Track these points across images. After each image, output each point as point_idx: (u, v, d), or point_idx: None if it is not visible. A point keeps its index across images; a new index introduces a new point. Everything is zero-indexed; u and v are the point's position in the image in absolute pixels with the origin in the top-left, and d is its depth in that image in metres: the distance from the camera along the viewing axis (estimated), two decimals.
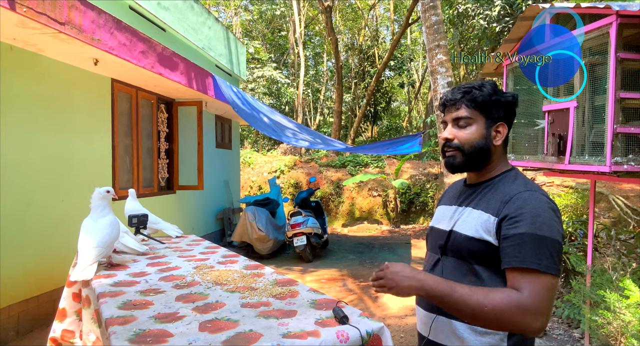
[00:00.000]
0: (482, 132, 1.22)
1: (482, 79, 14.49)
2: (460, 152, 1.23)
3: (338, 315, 0.93)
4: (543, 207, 1.10)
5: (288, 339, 0.83)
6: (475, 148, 1.21)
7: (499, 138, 1.23)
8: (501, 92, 1.24)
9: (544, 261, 1.03)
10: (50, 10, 2.85)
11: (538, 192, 1.15)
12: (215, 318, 0.93)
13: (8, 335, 3.44)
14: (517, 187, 1.16)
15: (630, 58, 2.37)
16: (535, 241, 1.04)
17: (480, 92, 1.21)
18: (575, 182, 6.89)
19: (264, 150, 19.05)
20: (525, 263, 1.03)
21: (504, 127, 1.23)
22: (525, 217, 1.08)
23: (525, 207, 1.10)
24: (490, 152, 1.23)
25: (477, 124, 1.22)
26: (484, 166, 1.25)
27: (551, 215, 1.09)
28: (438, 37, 4.51)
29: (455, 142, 1.23)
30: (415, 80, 21.85)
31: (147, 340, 0.82)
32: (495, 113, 1.22)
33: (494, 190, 1.20)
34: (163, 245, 2.00)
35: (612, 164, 2.36)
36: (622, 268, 3.11)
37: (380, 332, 0.95)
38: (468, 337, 1.14)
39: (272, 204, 7.64)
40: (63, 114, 4.09)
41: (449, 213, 1.30)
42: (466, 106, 1.22)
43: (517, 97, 1.27)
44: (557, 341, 3.62)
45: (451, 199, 1.35)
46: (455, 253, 1.20)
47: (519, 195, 1.13)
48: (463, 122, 1.22)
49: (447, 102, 1.26)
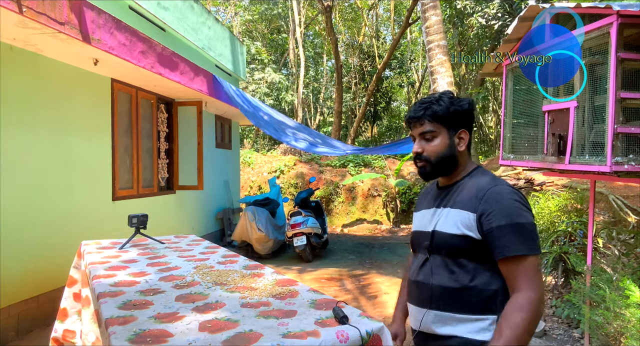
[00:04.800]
0: (447, 142, 1.35)
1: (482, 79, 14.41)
2: (429, 163, 1.36)
3: (338, 315, 0.93)
4: (513, 198, 1.24)
5: (288, 339, 0.83)
6: (442, 158, 1.35)
7: (462, 144, 1.37)
8: (458, 102, 1.36)
9: (528, 245, 1.18)
10: (50, 10, 2.85)
11: (505, 185, 1.29)
12: (215, 318, 0.93)
13: (8, 335, 3.44)
14: (486, 183, 1.30)
15: (630, 58, 2.37)
16: (516, 230, 1.19)
17: (439, 106, 1.33)
18: (571, 180, 6.89)
19: (264, 150, 19.04)
20: (515, 251, 1.18)
21: (465, 133, 1.37)
22: (501, 210, 1.22)
23: (499, 201, 1.23)
24: (456, 158, 1.37)
25: (441, 136, 1.35)
26: (453, 171, 1.38)
27: (521, 204, 1.24)
28: (438, 37, 4.51)
29: (424, 155, 1.36)
30: (415, 80, 21.85)
31: (147, 340, 0.81)
32: (456, 123, 1.35)
33: (466, 188, 1.32)
34: (163, 245, 2.00)
35: (613, 164, 2.36)
36: (622, 268, 3.11)
37: (380, 332, 0.95)
38: (458, 325, 1.24)
39: (272, 204, 7.64)
40: (63, 114, 4.09)
41: (429, 216, 1.40)
42: (429, 121, 1.34)
43: (473, 103, 1.40)
44: (557, 341, 3.62)
45: (428, 203, 1.45)
46: (440, 250, 1.31)
47: (491, 190, 1.26)
48: (428, 135, 1.35)
49: (411, 119, 1.38)
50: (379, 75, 16.82)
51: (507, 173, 8.30)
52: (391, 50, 15.97)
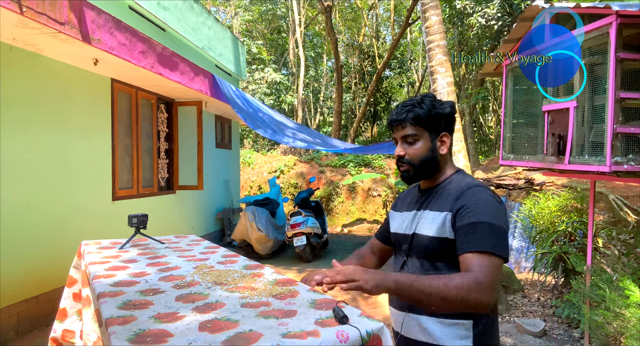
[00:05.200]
0: (429, 145, 1.34)
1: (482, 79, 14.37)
2: (411, 166, 1.35)
3: (338, 315, 0.93)
4: (490, 200, 1.23)
5: (288, 339, 0.83)
6: (424, 161, 1.34)
7: (444, 147, 1.36)
8: (440, 105, 1.35)
9: (493, 244, 1.14)
10: (50, 10, 2.85)
11: (484, 187, 1.29)
12: (215, 318, 0.93)
13: (8, 335, 3.44)
14: (466, 184, 1.29)
15: (630, 58, 2.37)
16: (485, 228, 1.17)
17: (421, 109, 1.33)
18: (571, 180, 6.89)
19: (264, 150, 19.04)
20: (478, 247, 1.15)
21: (447, 136, 1.37)
22: (475, 207, 1.21)
23: (475, 199, 1.23)
24: (438, 162, 1.36)
25: (424, 139, 1.34)
26: (435, 174, 1.38)
27: (497, 206, 1.23)
28: (438, 37, 4.51)
29: (407, 158, 1.36)
30: (415, 80, 21.85)
31: (147, 340, 0.82)
32: (438, 126, 1.35)
33: (446, 191, 1.32)
34: (163, 245, 2.00)
35: (612, 164, 2.36)
36: (622, 268, 3.11)
37: (380, 332, 0.95)
38: (436, 331, 1.23)
39: (272, 204, 7.64)
40: (63, 114, 4.09)
41: (410, 218, 1.39)
42: (411, 124, 1.33)
43: (454, 106, 1.39)
44: (557, 341, 3.62)
45: (409, 205, 1.45)
46: (419, 253, 1.31)
47: (468, 191, 1.26)
48: (410, 139, 1.35)
49: (393, 122, 1.37)
50: (379, 75, 16.82)
51: (507, 173, 8.30)
52: (391, 50, 15.97)
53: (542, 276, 4.62)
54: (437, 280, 1.11)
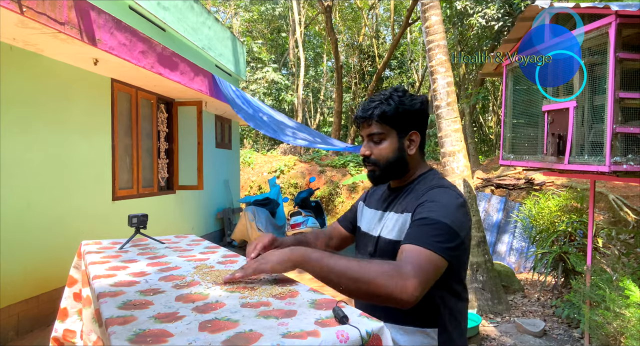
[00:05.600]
0: (395, 145, 1.25)
1: (482, 79, 14.37)
2: (377, 167, 1.26)
3: (338, 314, 0.93)
4: (449, 201, 1.14)
5: (288, 339, 0.83)
6: (390, 162, 1.25)
7: (413, 146, 1.26)
8: (409, 101, 1.25)
9: (435, 241, 1.04)
10: (50, 10, 2.86)
11: (450, 188, 1.20)
12: (215, 318, 0.93)
13: (8, 335, 3.44)
14: (431, 185, 1.21)
15: (629, 58, 2.38)
16: (432, 225, 1.07)
17: (387, 106, 1.23)
18: (571, 180, 6.89)
19: (264, 150, 19.04)
20: (416, 241, 1.06)
21: (416, 135, 1.26)
22: (431, 205, 1.13)
23: (433, 198, 1.15)
24: (406, 162, 1.26)
25: (390, 138, 1.25)
26: (404, 174, 1.29)
27: (455, 208, 1.12)
28: (438, 37, 4.51)
29: (372, 158, 1.27)
30: (415, 80, 21.85)
31: (147, 340, 0.82)
32: (406, 124, 1.25)
33: (414, 191, 1.24)
34: (163, 245, 2.00)
35: (612, 164, 2.37)
36: (622, 268, 3.11)
37: (380, 332, 0.95)
38: (399, 339, 1.16)
39: (272, 204, 7.65)
40: (63, 114, 4.09)
41: (377, 219, 1.32)
42: (377, 122, 1.24)
43: (426, 101, 1.28)
44: (557, 341, 3.62)
45: (377, 203, 1.37)
46: (383, 257, 1.21)
47: (431, 191, 1.18)
48: (376, 137, 1.25)
49: (358, 119, 1.28)
50: (379, 75, 16.82)
51: (507, 173, 8.31)
52: (391, 50, 15.98)
53: (542, 276, 4.63)
54: (353, 261, 1.04)
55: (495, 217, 6.63)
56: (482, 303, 4.25)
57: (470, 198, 4.46)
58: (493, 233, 6.37)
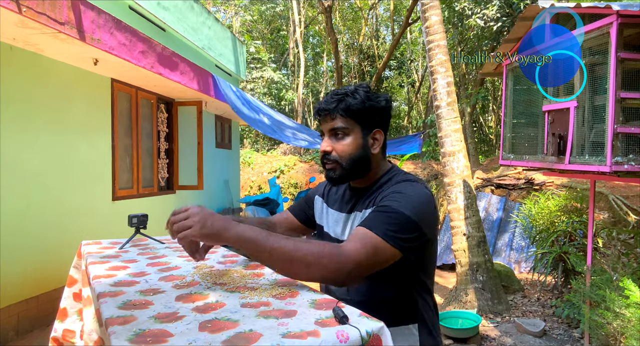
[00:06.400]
0: (359, 141, 1.17)
1: (482, 78, 14.35)
2: (339, 165, 1.18)
3: (338, 315, 0.93)
4: (416, 192, 1.10)
5: (288, 339, 0.83)
6: (353, 160, 1.17)
7: (376, 145, 1.20)
8: (375, 97, 1.18)
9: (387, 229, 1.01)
10: (50, 10, 2.85)
11: (417, 182, 1.16)
12: (215, 318, 0.93)
13: (8, 335, 3.44)
14: (397, 180, 1.18)
15: (630, 58, 2.37)
16: (390, 213, 1.04)
17: (354, 100, 1.15)
18: (571, 180, 6.89)
19: (264, 150, 19.04)
20: (367, 225, 1.03)
21: (380, 133, 1.20)
22: (394, 195, 1.09)
23: (398, 189, 1.11)
24: (369, 161, 1.19)
25: (354, 134, 1.17)
26: (365, 174, 1.21)
27: (422, 200, 1.08)
28: (438, 37, 4.51)
29: (334, 155, 1.18)
30: (415, 80, 21.85)
31: (147, 340, 0.81)
32: (371, 121, 1.18)
33: (380, 189, 1.18)
34: (163, 245, 2.00)
35: (613, 164, 2.36)
36: (622, 268, 3.11)
37: (380, 332, 0.95)
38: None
39: (271, 204, 7.65)
40: (63, 114, 4.09)
41: (341, 222, 1.26)
42: (341, 115, 1.16)
43: (390, 100, 1.23)
44: (557, 341, 3.62)
45: (340, 204, 1.30)
46: None
47: (396, 184, 1.15)
48: (340, 132, 1.17)
49: (321, 112, 1.19)
50: (379, 75, 16.82)
51: (507, 173, 8.31)
52: (391, 50, 15.97)
53: (542, 276, 4.62)
54: (288, 240, 1.00)
55: (495, 216, 6.63)
56: (482, 303, 4.25)
57: (470, 198, 4.46)
58: (493, 233, 6.37)
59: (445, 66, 4.51)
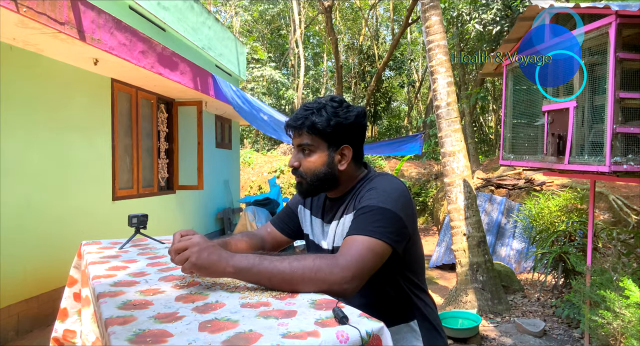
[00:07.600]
0: (325, 159, 1.17)
1: (482, 79, 14.36)
2: (305, 180, 1.20)
3: (338, 315, 0.93)
4: (390, 186, 1.11)
5: (288, 339, 0.83)
6: (318, 177, 1.18)
7: (344, 161, 1.19)
8: (343, 113, 1.17)
9: (375, 227, 1.02)
10: (50, 10, 2.86)
11: (389, 176, 1.18)
12: (215, 318, 0.93)
13: (8, 335, 3.44)
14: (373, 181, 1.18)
15: (629, 58, 2.37)
16: (373, 211, 1.05)
17: (319, 118, 1.15)
18: (571, 180, 6.89)
19: (264, 150, 19.04)
20: (357, 230, 1.04)
21: (348, 149, 1.19)
22: (369, 193, 1.11)
23: (372, 186, 1.13)
24: (336, 177, 1.19)
25: (320, 151, 1.17)
26: (333, 189, 1.23)
27: (397, 193, 1.10)
28: (438, 37, 4.51)
29: (300, 170, 1.20)
30: (415, 80, 21.86)
31: (147, 340, 0.82)
32: (338, 137, 1.17)
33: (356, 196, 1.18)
34: (163, 245, 2.00)
35: (612, 164, 2.36)
36: (622, 268, 3.11)
37: (380, 332, 0.95)
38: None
39: (272, 204, 7.65)
40: (63, 114, 4.09)
41: (326, 229, 1.27)
42: (307, 133, 1.16)
43: (363, 114, 1.21)
44: (557, 341, 3.62)
45: (321, 212, 1.31)
46: None
47: (370, 182, 1.16)
48: (306, 148, 1.18)
49: (288, 128, 1.21)
50: (379, 75, 16.82)
51: (507, 173, 8.31)
52: (391, 50, 15.97)
53: (542, 276, 4.63)
54: (283, 261, 1.01)
55: (495, 217, 6.63)
56: (482, 303, 4.25)
57: (471, 198, 4.46)
58: (493, 233, 6.37)
59: (445, 66, 4.51)
